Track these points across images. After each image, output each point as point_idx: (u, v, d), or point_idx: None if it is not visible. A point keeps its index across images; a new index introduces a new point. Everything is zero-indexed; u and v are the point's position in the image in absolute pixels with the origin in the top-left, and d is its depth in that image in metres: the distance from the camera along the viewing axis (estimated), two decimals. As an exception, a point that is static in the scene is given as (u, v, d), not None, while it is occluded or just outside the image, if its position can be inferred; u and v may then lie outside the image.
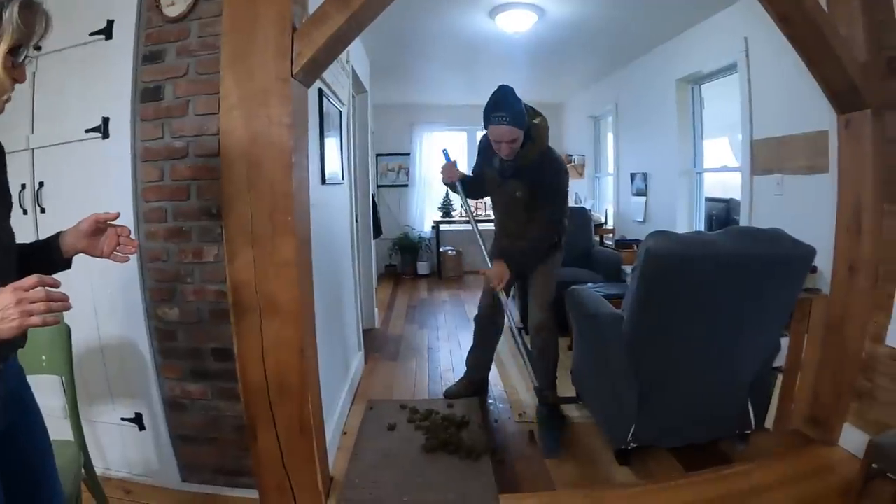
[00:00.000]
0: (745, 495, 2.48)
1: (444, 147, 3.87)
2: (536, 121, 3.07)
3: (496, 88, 2.96)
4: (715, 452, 2.85)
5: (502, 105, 2.89)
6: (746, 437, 2.88)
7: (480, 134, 3.42)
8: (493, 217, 3.64)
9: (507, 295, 3.33)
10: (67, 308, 1.11)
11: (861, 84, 2.53)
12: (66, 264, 1.44)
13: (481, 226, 3.48)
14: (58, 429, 1.47)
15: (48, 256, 1.41)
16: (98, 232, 1.45)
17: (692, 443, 2.82)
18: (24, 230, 1.49)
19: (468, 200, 3.43)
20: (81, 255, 1.44)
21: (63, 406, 2.14)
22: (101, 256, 1.47)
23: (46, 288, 1.07)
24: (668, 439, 2.79)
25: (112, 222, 1.46)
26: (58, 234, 1.44)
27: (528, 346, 3.39)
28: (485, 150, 3.28)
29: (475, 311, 3.71)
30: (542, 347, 3.32)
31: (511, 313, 3.28)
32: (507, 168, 3.10)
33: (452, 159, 3.42)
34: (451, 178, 3.34)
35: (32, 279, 1.07)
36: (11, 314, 1.03)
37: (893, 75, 2.52)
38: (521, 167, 3.07)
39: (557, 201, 3.12)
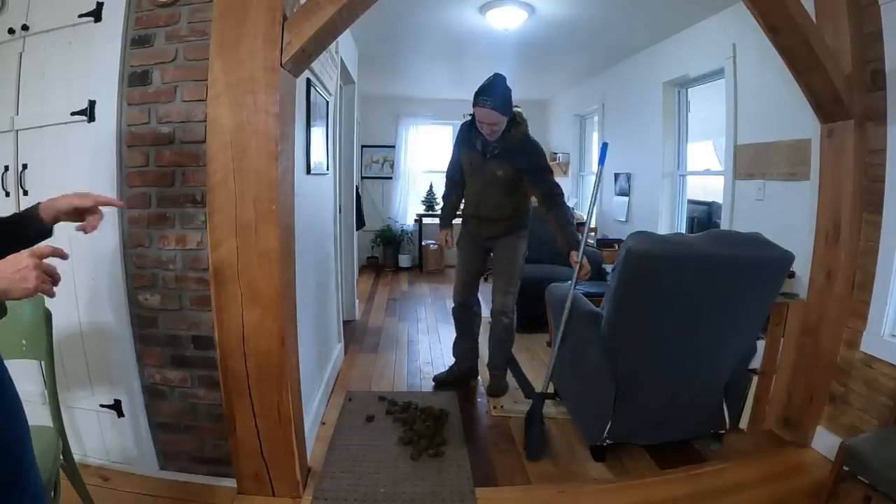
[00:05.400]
0: (718, 494, 2.53)
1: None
2: (520, 109, 3.33)
3: (491, 74, 3.16)
4: (689, 451, 2.89)
5: (490, 91, 3.08)
6: (720, 436, 2.92)
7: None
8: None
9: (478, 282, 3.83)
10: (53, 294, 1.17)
11: (845, 95, 2.58)
12: (48, 232, 1.49)
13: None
14: (36, 415, 1.45)
15: (25, 230, 1.45)
16: (75, 213, 1.52)
17: (667, 441, 2.86)
18: (6, 213, 1.48)
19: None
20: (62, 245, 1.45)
21: (42, 392, 2.13)
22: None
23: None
24: (644, 437, 2.83)
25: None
26: (37, 205, 1.48)
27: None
28: (465, 134, 3.47)
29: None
30: (499, 331, 3.61)
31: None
32: (492, 147, 3.30)
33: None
34: (449, 243, 3.94)
35: (48, 248, 1.14)
36: (31, 276, 1.08)
37: (877, 87, 2.57)
38: (506, 147, 3.28)
39: (548, 178, 3.38)
